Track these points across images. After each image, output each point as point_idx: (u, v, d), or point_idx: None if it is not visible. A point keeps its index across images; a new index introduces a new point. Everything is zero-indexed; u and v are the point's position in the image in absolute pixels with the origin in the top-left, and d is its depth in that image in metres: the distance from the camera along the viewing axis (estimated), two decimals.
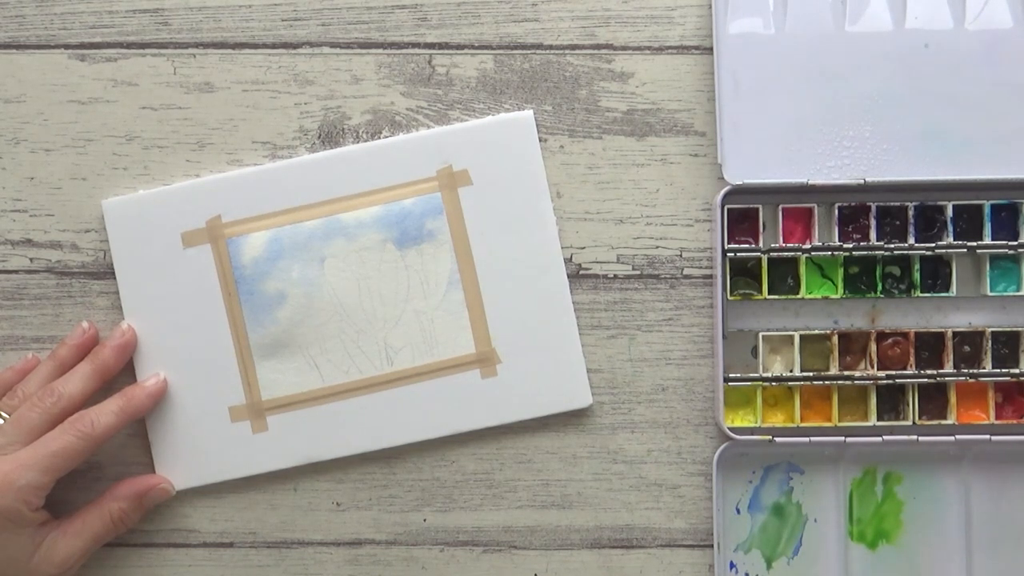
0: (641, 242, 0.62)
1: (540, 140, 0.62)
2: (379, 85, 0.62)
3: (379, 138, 0.62)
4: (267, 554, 0.62)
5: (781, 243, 0.61)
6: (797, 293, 0.61)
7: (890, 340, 0.61)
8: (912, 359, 0.61)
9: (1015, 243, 0.60)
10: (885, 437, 0.60)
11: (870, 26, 0.61)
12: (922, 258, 0.61)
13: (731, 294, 0.61)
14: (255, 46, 0.62)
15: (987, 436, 0.60)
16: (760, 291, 0.61)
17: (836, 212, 0.61)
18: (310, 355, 0.61)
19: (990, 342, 0.60)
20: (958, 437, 0.60)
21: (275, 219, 0.61)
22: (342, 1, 0.62)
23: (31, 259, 0.62)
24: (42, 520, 0.57)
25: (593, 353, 0.62)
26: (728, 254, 0.60)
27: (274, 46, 0.62)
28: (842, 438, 0.60)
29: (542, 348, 0.61)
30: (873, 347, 0.61)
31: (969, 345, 0.61)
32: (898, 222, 0.61)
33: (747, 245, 0.61)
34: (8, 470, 0.55)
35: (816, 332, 0.61)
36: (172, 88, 0.62)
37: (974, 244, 0.60)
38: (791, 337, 0.61)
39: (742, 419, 0.61)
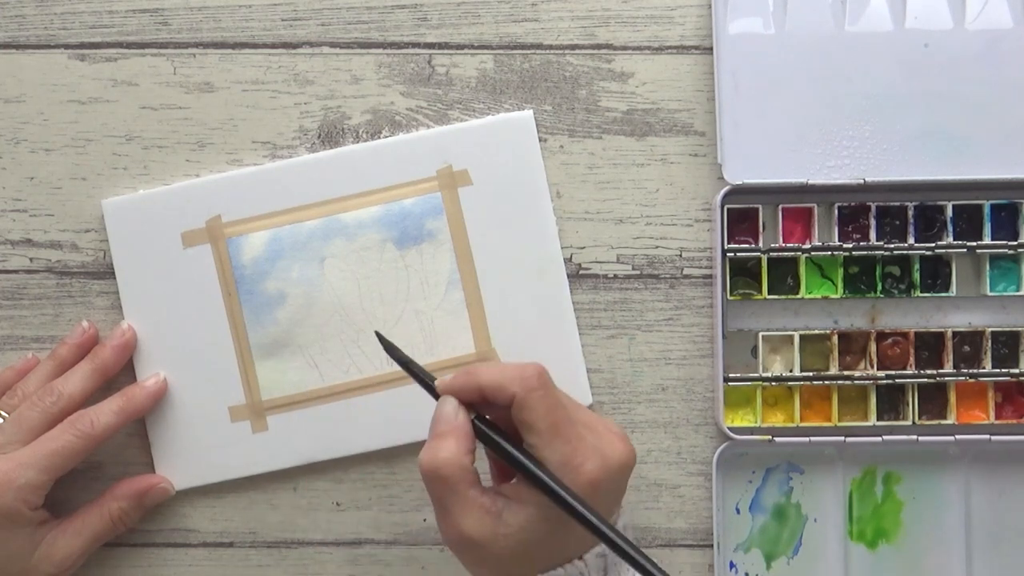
0: (641, 242, 0.62)
1: (540, 140, 0.62)
2: (379, 85, 0.62)
3: (379, 138, 0.62)
4: (267, 554, 0.62)
5: (781, 243, 0.61)
6: (797, 293, 0.61)
7: (890, 340, 0.61)
8: (912, 359, 0.61)
9: (1015, 243, 0.60)
10: (885, 437, 0.60)
11: (870, 26, 0.61)
12: (922, 258, 0.61)
13: (731, 294, 0.61)
14: (255, 46, 0.62)
15: (987, 436, 0.60)
16: (760, 291, 0.61)
17: (836, 212, 0.61)
18: (310, 355, 0.61)
19: (990, 342, 0.60)
20: (958, 437, 0.60)
21: (275, 219, 0.61)
22: (342, 1, 0.62)
23: (31, 259, 0.62)
24: (41, 519, 0.57)
25: (593, 353, 0.62)
26: (728, 254, 0.60)
27: (274, 46, 0.62)
28: (842, 438, 0.60)
29: (542, 348, 0.61)
30: (873, 347, 0.61)
31: (969, 345, 0.61)
32: (898, 222, 0.61)
33: (747, 245, 0.61)
34: (7, 469, 0.55)
35: (816, 332, 0.61)
36: (172, 88, 0.62)
37: (974, 244, 0.60)
38: (791, 337, 0.61)
39: (742, 419, 0.61)
